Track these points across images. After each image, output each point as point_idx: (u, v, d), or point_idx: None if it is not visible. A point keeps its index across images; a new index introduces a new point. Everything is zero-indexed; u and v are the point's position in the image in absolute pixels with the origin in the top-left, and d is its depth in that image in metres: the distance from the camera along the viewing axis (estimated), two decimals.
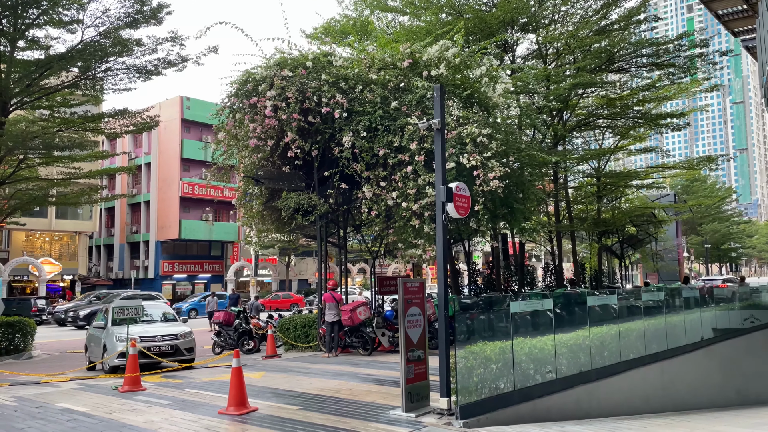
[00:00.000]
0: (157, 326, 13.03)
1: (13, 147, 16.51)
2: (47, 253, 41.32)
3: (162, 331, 12.60)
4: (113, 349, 11.85)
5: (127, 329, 11.45)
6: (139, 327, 12.47)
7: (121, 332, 11.75)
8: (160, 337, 12.26)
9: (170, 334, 12.52)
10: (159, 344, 12.14)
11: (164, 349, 12.19)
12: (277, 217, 16.58)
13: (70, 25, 16.16)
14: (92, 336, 13.38)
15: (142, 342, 11.69)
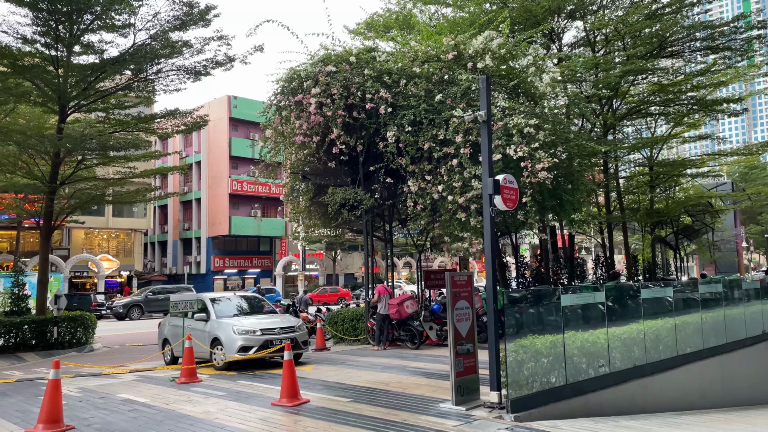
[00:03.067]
0: (268, 318, 12.10)
1: (72, 149, 17.22)
2: (105, 250, 42.98)
3: (279, 323, 11.73)
4: (231, 343, 10.98)
5: (229, 321, 11.39)
6: (253, 319, 11.78)
7: (239, 325, 11.21)
8: (280, 330, 11.43)
9: (288, 326, 11.70)
10: (280, 337, 11.20)
11: (284, 341, 10.87)
12: (324, 212, 16.77)
13: (123, 29, 16.69)
14: (181, 329, 12.17)
15: (264, 335, 11.09)
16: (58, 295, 17.18)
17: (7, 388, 10.10)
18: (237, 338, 10.98)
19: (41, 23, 15.64)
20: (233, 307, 12.60)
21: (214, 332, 11.44)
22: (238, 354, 10.87)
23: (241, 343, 10.92)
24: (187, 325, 11.93)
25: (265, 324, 11.50)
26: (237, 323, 11.37)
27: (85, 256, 39.72)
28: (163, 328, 13.35)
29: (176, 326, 12.55)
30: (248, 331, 11.11)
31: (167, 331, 13.03)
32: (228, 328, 11.28)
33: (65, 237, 41.09)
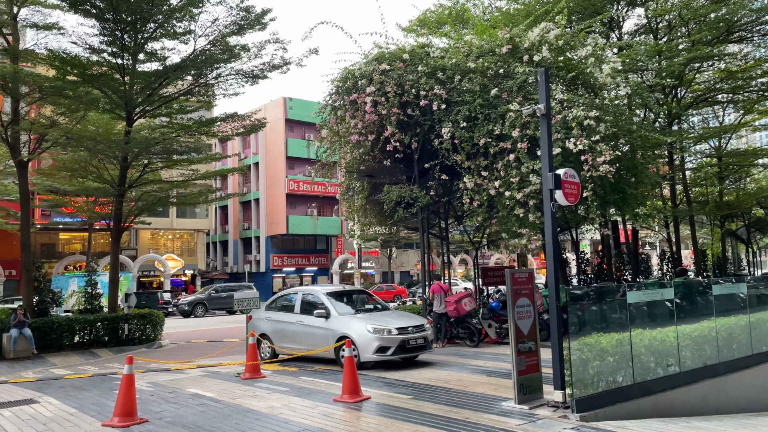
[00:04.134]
0: (395, 316, 11.60)
1: (138, 153, 17.96)
2: (170, 249, 44.64)
3: (409, 321, 11.16)
4: (367, 343, 10.43)
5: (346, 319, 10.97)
6: (380, 317, 11.29)
7: (374, 323, 10.65)
8: (413, 329, 10.87)
9: (418, 324, 11.12)
10: (415, 336, 10.80)
11: (419, 341, 10.87)
12: (379, 210, 16.85)
13: (184, 36, 17.26)
14: (284, 324, 12.01)
15: (400, 335, 10.60)
16: (129, 293, 17.94)
17: (83, 383, 10.65)
18: (373, 338, 10.42)
19: (108, 33, 16.35)
20: (347, 302, 11.98)
21: (341, 330, 10.81)
22: (375, 355, 10.37)
23: (380, 344, 10.38)
24: (297, 321, 11.61)
25: (398, 323, 10.87)
26: (370, 321, 10.73)
27: (152, 256, 41.35)
28: (258, 323, 12.57)
29: (279, 321, 12.10)
30: (384, 330, 10.50)
31: (266, 327, 12.38)
32: (359, 326, 10.65)
33: (133, 238, 42.91)
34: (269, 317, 12.48)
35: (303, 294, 12.23)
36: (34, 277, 16.77)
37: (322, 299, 11.58)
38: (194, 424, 7.00)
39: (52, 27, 16.72)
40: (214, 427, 6.84)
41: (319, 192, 46.27)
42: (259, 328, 12.45)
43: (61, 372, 12.52)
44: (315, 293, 12.01)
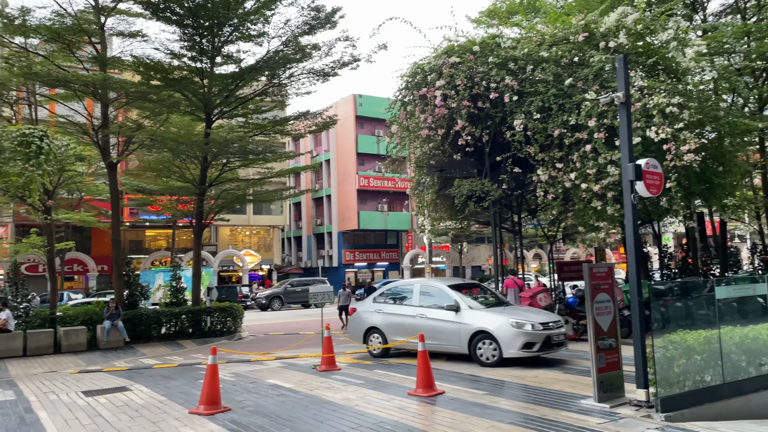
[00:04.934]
0: (528, 311, 11.26)
1: (217, 153, 18.70)
2: (247, 245, 46.25)
3: (548, 317, 10.74)
4: (512, 339, 9.94)
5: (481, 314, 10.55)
6: (515, 311, 10.93)
7: (517, 318, 10.20)
8: (553, 324, 10.43)
9: (556, 320, 10.72)
10: (557, 332, 10.37)
11: (560, 337, 10.49)
12: (450, 204, 16.75)
13: (258, 38, 17.81)
14: (399, 317, 11.45)
15: (545, 330, 10.15)
16: (211, 287, 18.75)
17: (171, 372, 11.24)
18: (518, 333, 9.96)
19: (187, 38, 17.10)
20: (470, 296, 11.43)
21: (476, 325, 10.38)
22: (521, 351, 9.92)
23: (526, 339, 9.92)
24: (418, 314, 11.15)
25: (540, 317, 10.43)
26: (511, 316, 10.30)
27: (231, 252, 42.99)
28: (365, 316, 12.12)
29: (393, 314, 11.59)
30: (528, 325, 10.01)
31: (377, 320, 11.82)
32: (499, 320, 10.19)
33: (213, 234, 44.73)
34: (380, 310, 11.91)
35: (422, 286, 11.72)
36: (124, 272, 17.81)
37: (449, 292, 11.13)
38: (274, 413, 7.25)
39: (137, 35, 17.66)
40: (293, 417, 7.05)
41: (389, 187, 46.54)
42: (367, 321, 12.02)
43: (150, 361, 13.27)
44: (437, 286, 11.59)
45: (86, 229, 34.80)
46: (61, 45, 16.52)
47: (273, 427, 6.57)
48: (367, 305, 12.40)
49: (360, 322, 12.25)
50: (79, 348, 15.40)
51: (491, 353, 10.21)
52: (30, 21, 15.42)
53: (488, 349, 10.25)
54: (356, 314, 12.44)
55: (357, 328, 12.30)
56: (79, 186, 24.20)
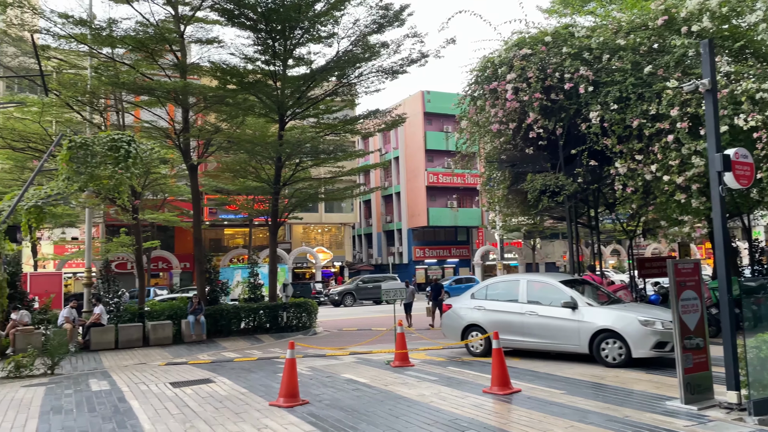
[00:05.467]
0: (651, 308, 10.78)
1: (290, 153, 19.20)
2: (320, 242, 47.22)
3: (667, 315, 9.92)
4: (642, 338, 9.41)
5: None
6: (638, 308, 10.44)
7: (641, 315, 9.72)
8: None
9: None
10: None
11: None
12: (522, 200, 16.44)
13: (328, 39, 18.12)
14: (506, 315, 10.97)
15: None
16: (286, 283, 19.31)
17: (251, 365, 11.66)
18: (648, 332, 9.42)
19: (261, 42, 17.63)
20: (583, 292, 10.86)
21: (598, 323, 9.85)
22: (652, 351, 9.40)
23: (658, 339, 9.38)
24: (527, 311, 10.69)
25: (667, 315, 9.64)
26: (638, 313, 9.79)
27: (304, 249, 44.02)
28: (463, 312, 11.68)
29: (498, 312, 11.13)
30: (658, 323, 9.48)
31: (478, 317, 11.39)
32: (627, 319, 9.67)
33: (287, 232, 45.96)
34: (480, 307, 11.45)
35: (530, 282, 11.23)
36: (206, 269, 18.61)
37: (563, 288, 10.61)
38: (351, 407, 7.38)
39: (213, 41, 18.38)
40: (369, 411, 7.16)
41: (458, 183, 46.25)
42: (465, 318, 11.58)
43: (231, 355, 13.82)
44: (549, 282, 11.06)
45: (170, 229, 36.57)
46: (145, 54, 17.43)
47: (350, 421, 6.70)
48: (464, 302, 11.96)
49: (456, 320, 11.75)
50: (166, 341, 16.23)
51: (617, 353, 9.68)
52: (116, 32, 16.35)
53: (614, 349, 9.72)
54: (452, 311, 11.97)
55: (453, 326, 11.80)
56: (163, 187, 25.46)
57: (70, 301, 17.71)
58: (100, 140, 12.32)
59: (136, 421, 7.11)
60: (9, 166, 21.68)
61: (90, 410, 7.82)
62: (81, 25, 16.08)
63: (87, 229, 18.00)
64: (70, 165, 11.99)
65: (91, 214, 18.54)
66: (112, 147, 12.17)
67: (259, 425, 6.67)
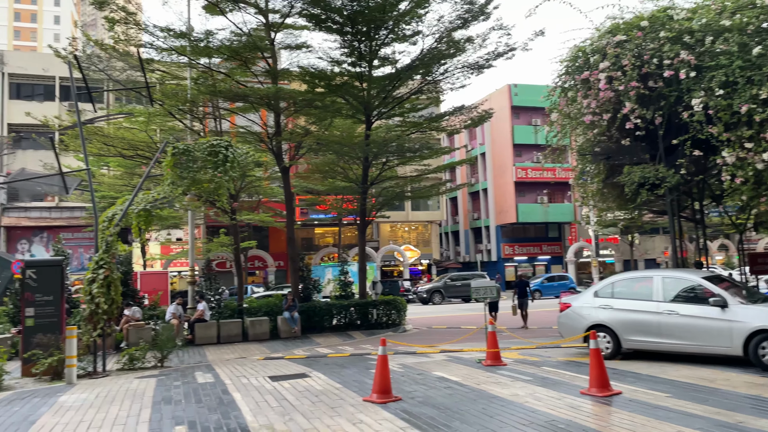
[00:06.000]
0: None
1: (377, 153, 19.44)
2: (407, 240, 47.46)
3: None
4: None
5: None
6: None
7: None
8: None
9: None
10: None
11: None
12: (618, 193, 15.70)
13: (412, 37, 18.18)
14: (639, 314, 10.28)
15: None
16: (375, 281, 19.59)
17: (344, 361, 11.92)
18: None
19: (346, 45, 17.97)
20: (727, 288, 10.09)
21: (756, 323, 9.05)
22: None
23: None
24: (665, 310, 9.97)
25: None
26: None
27: (392, 247, 44.44)
28: (586, 312, 10.97)
29: (629, 311, 10.43)
30: None
31: (605, 316, 10.67)
32: None
33: (375, 230, 46.59)
34: (607, 305, 10.75)
35: (664, 278, 10.41)
36: (299, 267, 19.23)
37: (707, 285, 9.81)
38: (443, 405, 7.38)
39: (302, 46, 18.96)
40: (462, 410, 7.12)
41: (548, 178, 44.88)
42: (588, 318, 10.84)
43: (324, 350, 14.19)
44: (689, 278, 10.24)
45: (264, 229, 38.09)
46: (239, 62, 18.26)
47: (443, 419, 6.70)
48: (586, 300, 11.25)
49: (577, 320, 10.99)
50: (263, 337, 16.93)
51: None
52: (212, 43, 17.25)
53: None
54: (572, 311, 11.23)
55: (574, 326, 11.05)
56: (257, 189, 26.57)
57: (176, 298, 18.91)
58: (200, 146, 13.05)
59: (239, 412, 7.47)
60: (120, 173, 23.42)
61: (197, 401, 8.31)
62: (181, 38, 17.10)
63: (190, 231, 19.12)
64: (174, 170, 12.79)
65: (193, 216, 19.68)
66: (212, 152, 12.85)
67: (354, 420, 6.81)
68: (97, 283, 11.79)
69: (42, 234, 39.18)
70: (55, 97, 39.53)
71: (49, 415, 7.76)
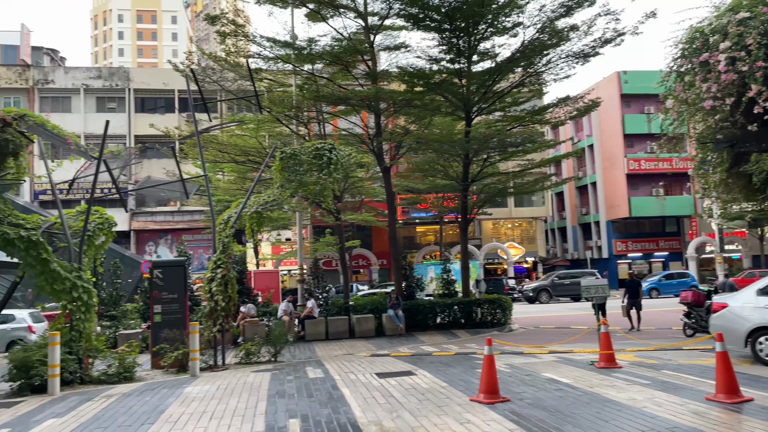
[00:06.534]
0: None
1: (478, 149, 19.19)
2: (510, 238, 46.46)
3: None
4: None
5: None
6: None
7: None
8: None
9: None
10: None
11: None
12: (745, 183, 14.40)
13: (512, 30, 17.76)
14: None
15: None
16: (479, 279, 19.38)
17: (449, 360, 11.88)
18: None
19: (445, 42, 17.87)
20: None
21: None
22: None
23: None
24: None
25: None
26: None
27: (495, 245, 43.70)
28: (748, 312, 9.87)
29: None
30: None
31: None
32: None
33: (477, 228, 46.02)
34: None
35: None
36: (401, 265, 19.41)
37: None
38: (554, 408, 7.14)
39: (400, 47, 19.12)
40: (574, 413, 6.85)
41: (664, 169, 42.20)
42: (751, 319, 9.75)
43: (429, 349, 14.22)
44: None
45: (367, 228, 38.80)
46: (340, 66, 18.75)
47: (553, 422, 6.48)
48: (746, 298, 10.10)
49: (738, 321, 9.87)
50: (369, 334, 17.26)
51: None
52: (315, 49, 17.83)
53: None
54: (728, 311, 10.12)
55: (734, 329, 9.81)
56: (360, 190, 27.13)
57: (287, 296, 19.76)
58: (305, 150, 13.55)
59: (348, 408, 7.66)
60: (233, 178, 24.83)
61: (308, 395, 8.62)
62: (286, 46, 17.84)
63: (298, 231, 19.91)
64: (283, 174, 13.39)
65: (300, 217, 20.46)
66: (316, 155, 13.31)
67: (462, 419, 6.76)
68: (215, 281, 12.60)
69: (166, 236, 42.46)
70: (175, 108, 42.73)
71: (176, 405, 8.38)
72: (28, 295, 23.79)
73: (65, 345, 10.65)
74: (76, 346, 10.99)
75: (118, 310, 19.79)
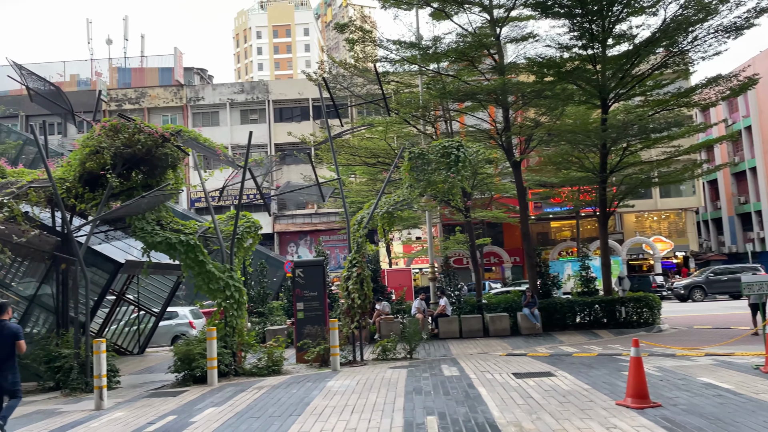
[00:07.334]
0: None
1: (616, 138, 18.06)
2: (656, 231, 43.20)
3: None
4: None
5: None
6: None
7: None
8: None
9: None
10: None
11: None
12: None
13: (650, 8, 16.50)
14: None
15: None
16: (622, 276, 18.24)
17: (591, 361, 11.31)
18: None
19: (576, 28, 17.03)
20: None
21: None
22: None
23: None
24: None
25: None
26: None
27: (639, 239, 40.89)
28: None
29: None
30: None
31: None
32: None
33: (618, 222, 43.37)
34: None
35: None
36: (535, 263, 18.81)
37: None
38: (713, 415, 6.53)
39: (528, 37, 18.53)
40: (736, 421, 6.22)
41: None
42: None
43: (568, 349, 13.64)
44: None
45: (498, 225, 38.14)
46: (466, 62, 18.59)
47: (713, 431, 5.92)
48: None
49: None
50: (503, 333, 16.94)
51: None
52: (440, 48, 17.83)
53: None
54: None
55: None
56: (489, 186, 26.73)
57: (419, 294, 19.99)
58: (433, 149, 13.62)
59: (485, 407, 7.57)
60: (365, 179, 25.59)
61: (444, 393, 8.65)
62: (411, 48, 18.04)
63: (428, 230, 20.06)
64: (411, 174, 13.57)
65: (430, 216, 20.60)
66: (444, 153, 13.33)
67: (608, 424, 6.40)
68: (351, 280, 13.08)
69: (306, 237, 44.83)
70: (309, 116, 44.99)
71: (320, 398, 8.82)
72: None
73: (221, 340, 11.64)
74: (231, 341, 11.95)
75: (265, 307, 21.23)
